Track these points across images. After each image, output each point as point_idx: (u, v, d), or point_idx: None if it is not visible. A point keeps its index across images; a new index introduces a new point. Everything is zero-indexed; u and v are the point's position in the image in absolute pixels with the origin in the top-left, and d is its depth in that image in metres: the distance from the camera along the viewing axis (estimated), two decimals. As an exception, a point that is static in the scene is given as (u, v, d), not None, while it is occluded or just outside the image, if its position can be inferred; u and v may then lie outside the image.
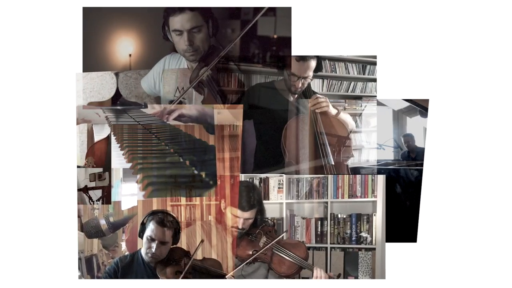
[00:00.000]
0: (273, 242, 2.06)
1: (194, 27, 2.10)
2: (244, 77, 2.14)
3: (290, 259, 2.05)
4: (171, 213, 2.08)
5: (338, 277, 2.07)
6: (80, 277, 2.09)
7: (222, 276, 2.05)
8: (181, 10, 2.09)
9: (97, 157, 2.13)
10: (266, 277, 2.09)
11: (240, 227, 2.08)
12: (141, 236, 2.05)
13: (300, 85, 2.12)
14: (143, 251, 2.04)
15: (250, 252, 2.06)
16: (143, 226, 2.05)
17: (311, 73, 2.13)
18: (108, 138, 2.13)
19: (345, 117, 2.18)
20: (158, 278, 2.00)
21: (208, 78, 2.11)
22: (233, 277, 2.06)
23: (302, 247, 2.09)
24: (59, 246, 2.11)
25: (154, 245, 2.00)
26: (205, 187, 2.11)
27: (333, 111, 2.16)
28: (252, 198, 2.08)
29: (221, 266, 2.08)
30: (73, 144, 2.10)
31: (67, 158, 2.10)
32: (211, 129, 2.12)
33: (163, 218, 2.04)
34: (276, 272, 2.04)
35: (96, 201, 2.13)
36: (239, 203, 2.08)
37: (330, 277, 2.03)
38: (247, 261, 2.04)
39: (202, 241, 2.08)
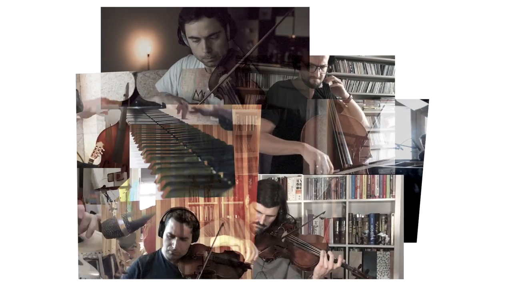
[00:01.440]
0: (290, 233, 2.08)
1: (212, 33, 2.07)
2: (262, 77, 2.14)
3: (311, 251, 2.05)
4: (190, 210, 2.08)
5: (359, 268, 2.06)
6: (98, 277, 2.09)
7: (245, 265, 2.05)
8: (197, 17, 2.05)
9: (107, 142, 2.13)
10: (286, 274, 2.09)
11: (261, 222, 2.08)
12: (160, 234, 2.04)
13: (319, 74, 2.12)
14: (163, 249, 2.03)
15: (272, 248, 2.07)
16: (162, 224, 2.04)
17: (326, 62, 2.13)
18: (118, 124, 2.13)
19: (357, 106, 2.20)
20: (180, 276, 2.01)
21: (227, 85, 2.10)
22: (253, 262, 2.06)
23: (322, 240, 2.11)
24: (58, 247, 2.12)
25: (174, 241, 1.99)
26: (223, 187, 2.11)
27: (346, 93, 2.18)
28: (276, 196, 2.08)
29: (242, 258, 2.08)
30: (73, 142, 2.11)
31: (66, 157, 2.11)
32: (228, 125, 2.12)
33: (181, 214, 2.03)
34: (298, 265, 2.05)
35: (114, 201, 2.13)
36: (263, 199, 2.08)
37: (343, 265, 2.03)
38: (267, 256, 2.06)
39: (222, 224, 2.08)
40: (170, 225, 2.01)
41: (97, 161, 2.16)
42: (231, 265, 2.05)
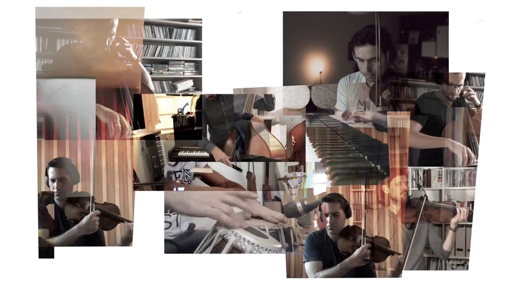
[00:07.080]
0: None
1: (373, 57, 2.63)
2: (411, 90, 2.68)
3: (444, 208, 2.68)
4: (337, 193, 2.66)
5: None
6: (281, 250, 2.64)
7: (391, 253, 2.64)
8: (363, 43, 2.61)
9: (297, 136, 2.69)
10: (427, 236, 2.70)
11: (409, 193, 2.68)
12: (322, 219, 2.66)
13: (456, 91, 2.66)
14: (327, 228, 2.64)
15: (414, 214, 2.68)
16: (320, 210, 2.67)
17: (462, 82, 2.66)
18: (304, 123, 2.69)
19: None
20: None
21: (388, 97, 2.66)
22: (400, 255, 2.65)
23: (450, 201, 2.71)
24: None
25: (328, 218, 2.63)
26: (379, 177, 2.67)
27: (477, 102, 2.68)
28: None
29: (389, 244, 2.66)
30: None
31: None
32: (384, 128, 2.68)
33: (329, 196, 2.65)
34: (436, 221, 2.70)
35: (294, 188, 2.70)
36: None
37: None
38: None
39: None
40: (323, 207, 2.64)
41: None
42: (380, 250, 2.64)
